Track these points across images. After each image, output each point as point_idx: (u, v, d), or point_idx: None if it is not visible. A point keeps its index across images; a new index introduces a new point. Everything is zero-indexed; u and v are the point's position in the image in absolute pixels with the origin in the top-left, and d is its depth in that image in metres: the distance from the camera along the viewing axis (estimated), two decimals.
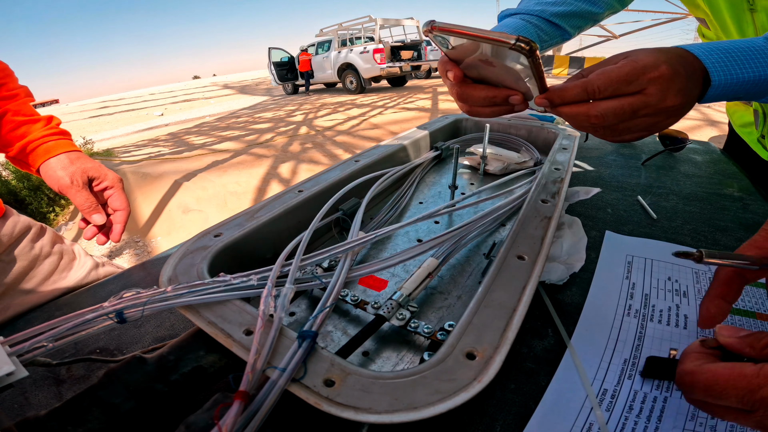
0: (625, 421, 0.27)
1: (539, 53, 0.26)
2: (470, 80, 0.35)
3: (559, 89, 0.31)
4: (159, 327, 0.39)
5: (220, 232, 0.37)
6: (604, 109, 0.29)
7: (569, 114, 0.31)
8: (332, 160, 3.69)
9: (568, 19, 0.58)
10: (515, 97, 0.33)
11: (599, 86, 0.29)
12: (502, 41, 0.25)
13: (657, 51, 0.30)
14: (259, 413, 0.20)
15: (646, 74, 0.29)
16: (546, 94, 0.31)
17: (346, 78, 8.31)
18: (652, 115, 0.30)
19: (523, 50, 0.25)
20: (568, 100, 0.30)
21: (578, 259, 0.43)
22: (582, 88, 0.30)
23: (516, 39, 0.25)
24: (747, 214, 0.56)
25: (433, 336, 0.32)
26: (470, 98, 0.35)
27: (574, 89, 0.30)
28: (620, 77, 0.29)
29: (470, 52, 0.31)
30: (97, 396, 0.24)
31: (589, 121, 0.30)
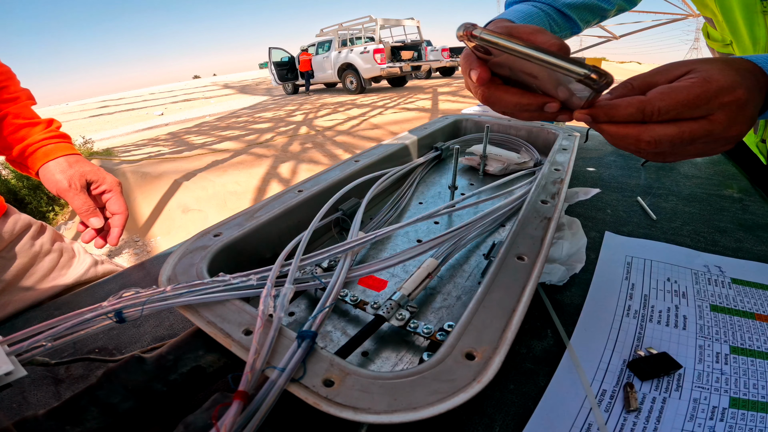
0: (624, 421, 0.27)
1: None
2: (499, 79, 0.30)
3: (608, 107, 0.26)
4: (158, 327, 0.39)
5: (219, 231, 0.37)
6: (659, 135, 0.25)
7: (615, 134, 0.26)
8: (332, 160, 3.69)
9: (579, 11, 0.55)
10: (552, 105, 0.28)
11: (660, 108, 0.24)
12: (572, 72, 0.21)
13: (729, 68, 0.26)
14: (258, 413, 0.20)
15: (719, 98, 0.24)
16: (590, 110, 0.26)
17: (346, 78, 8.32)
18: (710, 143, 0.26)
19: (595, 86, 0.21)
20: (617, 120, 0.26)
21: (578, 260, 0.43)
22: (638, 109, 0.25)
23: (591, 69, 0.21)
24: (746, 215, 0.56)
25: (432, 336, 0.32)
26: (498, 102, 0.30)
27: (627, 109, 0.25)
28: (688, 100, 0.24)
29: (511, 60, 0.26)
30: (95, 395, 0.24)
31: (638, 145, 0.26)
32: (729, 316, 0.36)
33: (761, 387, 0.29)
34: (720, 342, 0.33)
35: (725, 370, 0.31)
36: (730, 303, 0.38)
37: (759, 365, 0.31)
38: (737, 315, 0.36)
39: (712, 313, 0.37)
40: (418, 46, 8.68)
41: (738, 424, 0.27)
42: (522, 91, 0.29)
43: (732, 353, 0.32)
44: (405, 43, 8.64)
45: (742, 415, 0.27)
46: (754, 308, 0.37)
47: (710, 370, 0.31)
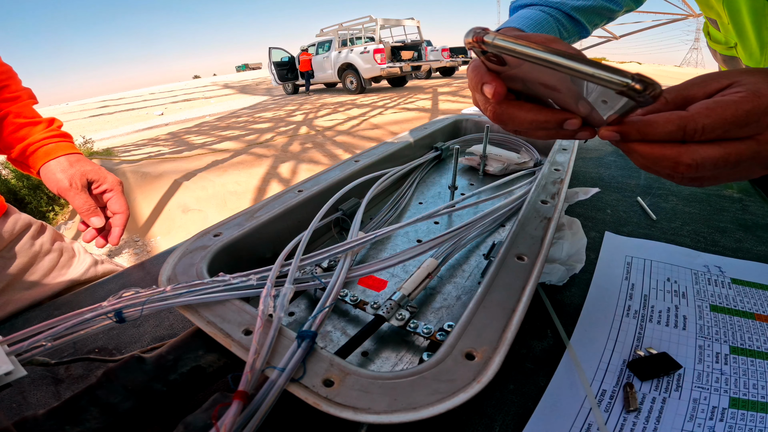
0: (624, 421, 0.27)
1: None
2: (512, 95, 0.26)
3: (642, 123, 0.22)
4: (158, 326, 0.39)
5: (219, 231, 0.37)
6: (702, 158, 0.21)
7: (648, 155, 0.22)
8: (332, 160, 3.69)
9: (587, 14, 0.53)
10: (573, 122, 0.24)
11: (705, 126, 0.21)
12: (611, 81, 0.17)
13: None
14: (258, 413, 0.20)
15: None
16: (620, 127, 0.23)
17: (346, 78, 8.31)
18: (753, 166, 0.22)
19: (639, 98, 0.17)
20: (652, 139, 0.22)
21: (578, 261, 0.43)
22: (679, 127, 0.21)
23: (634, 78, 0.17)
24: (746, 216, 0.56)
25: (432, 336, 0.32)
26: (512, 121, 0.25)
27: (666, 126, 0.22)
28: (737, 117, 0.21)
29: (528, 71, 0.22)
30: (95, 395, 0.24)
31: (676, 169, 0.22)
32: (729, 316, 0.36)
33: (761, 387, 0.29)
34: (720, 342, 0.33)
35: (725, 370, 0.31)
36: (730, 303, 0.38)
37: (759, 365, 0.31)
38: (737, 315, 0.36)
39: (712, 313, 0.37)
40: (418, 46, 8.68)
41: (738, 424, 0.27)
42: (539, 106, 0.25)
43: (732, 353, 0.32)
44: (405, 43, 8.64)
45: (741, 415, 0.27)
46: (754, 308, 0.37)
47: (710, 370, 0.31)
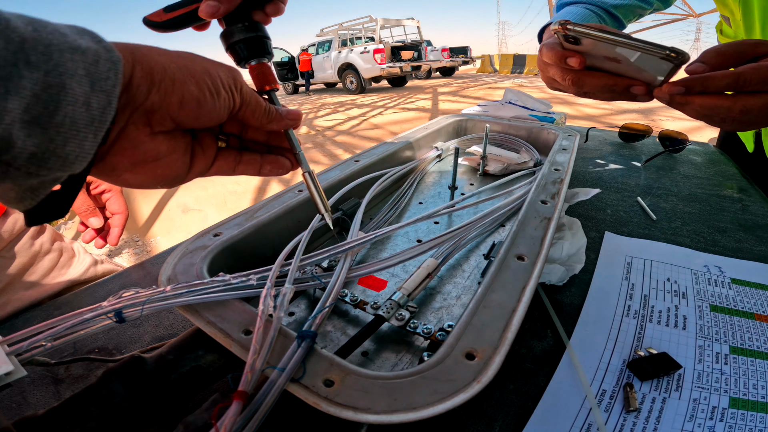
0: (624, 421, 0.27)
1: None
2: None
3: (703, 78, 0.30)
4: (158, 326, 0.39)
5: (219, 231, 0.37)
6: (751, 105, 0.29)
7: (706, 104, 0.31)
8: (332, 160, 3.69)
9: (623, 11, 0.60)
10: (639, 88, 0.34)
11: (753, 80, 0.29)
12: (657, 50, 0.27)
13: None
14: (258, 413, 0.20)
15: None
16: (684, 80, 0.31)
17: (346, 78, 8.31)
18: None
19: (676, 60, 0.28)
20: (712, 90, 0.30)
21: (578, 261, 0.43)
22: (733, 80, 0.29)
23: (670, 48, 0.27)
24: (746, 215, 0.56)
25: (432, 336, 0.32)
26: (586, 85, 0.36)
27: (723, 80, 0.30)
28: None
29: (596, 48, 0.32)
30: (95, 395, 0.24)
31: (730, 113, 0.30)
32: (729, 316, 0.36)
33: (761, 387, 0.29)
34: (720, 342, 0.33)
35: (725, 371, 0.31)
36: (730, 303, 0.38)
37: (759, 365, 0.31)
38: (737, 315, 0.36)
39: (712, 313, 0.37)
40: (418, 46, 8.68)
41: (738, 424, 0.27)
42: (609, 75, 0.35)
43: (732, 353, 0.32)
44: (405, 43, 8.64)
45: (741, 415, 0.27)
46: (754, 308, 0.37)
47: (710, 370, 0.31)
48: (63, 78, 0.15)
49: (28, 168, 0.16)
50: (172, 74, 0.20)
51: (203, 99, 0.21)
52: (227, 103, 0.23)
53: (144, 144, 0.21)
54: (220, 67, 0.23)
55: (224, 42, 0.27)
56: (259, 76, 0.28)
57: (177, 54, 0.21)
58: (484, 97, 6.26)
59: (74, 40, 0.16)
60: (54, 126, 0.16)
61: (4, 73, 0.14)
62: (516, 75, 10.39)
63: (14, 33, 0.14)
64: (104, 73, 0.17)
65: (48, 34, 0.15)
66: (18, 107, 0.14)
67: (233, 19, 0.26)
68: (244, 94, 0.24)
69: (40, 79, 0.15)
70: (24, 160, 0.15)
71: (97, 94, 0.17)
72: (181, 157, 0.23)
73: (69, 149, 0.16)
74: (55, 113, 0.16)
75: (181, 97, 0.20)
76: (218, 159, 0.26)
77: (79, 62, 0.16)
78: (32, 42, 0.15)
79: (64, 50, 0.16)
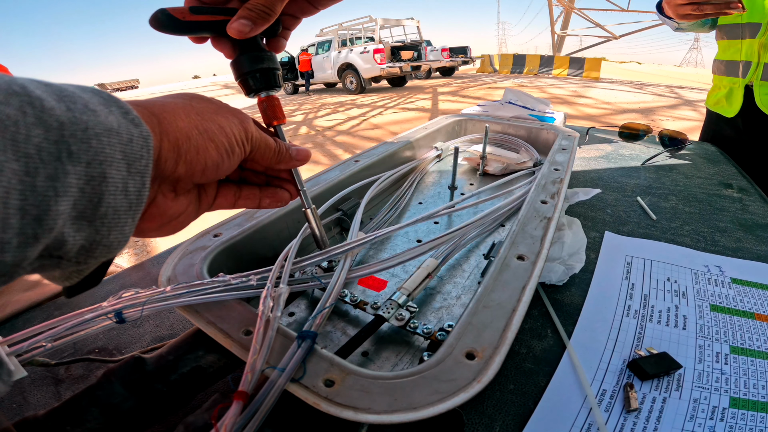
0: (624, 421, 0.27)
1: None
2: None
3: None
4: (158, 327, 0.39)
5: (219, 232, 0.37)
6: None
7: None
8: (332, 160, 3.69)
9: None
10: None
11: None
12: None
13: None
14: (258, 413, 0.20)
15: None
16: None
17: (346, 78, 8.31)
18: None
19: None
20: None
21: (578, 260, 0.43)
22: None
23: None
24: (746, 215, 0.56)
25: (432, 336, 0.32)
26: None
27: None
28: None
29: None
30: (95, 396, 0.24)
31: None
32: (729, 315, 0.36)
33: (761, 387, 0.29)
34: (720, 342, 0.33)
35: (725, 370, 0.31)
36: (730, 303, 0.38)
37: (759, 365, 0.31)
38: (737, 315, 0.36)
39: (712, 312, 0.37)
40: (417, 46, 8.67)
41: (738, 424, 0.27)
42: None
43: (732, 353, 0.32)
44: (405, 43, 8.63)
45: (742, 414, 0.27)
46: (754, 308, 0.37)
47: (710, 370, 0.31)
48: (104, 167, 0.15)
49: (77, 258, 0.16)
50: (195, 143, 0.20)
51: (221, 162, 0.22)
52: (240, 158, 0.23)
53: (170, 208, 0.21)
54: (232, 120, 0.23)
55: (236, 70, 0.26)
56: (268, 110, 0.27)
57: (195, 112, 0.21)
58: (484, 97, 6.27)
59: (106, 116, 0.16)
60: (99, 218, 0.15)
61: (51, 170, 0.13)
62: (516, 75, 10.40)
63: (51, 117, 0.14)
64: (138, 153, 0.17)
65: (81, 113, 0.15)
66: (67, 207, 0.14)
67: (248, 46, 0.25)
68: (254, 141, 0.24)
69: (83, 172, 0.14)
70: (74, 253, 0.15)
71: (133, 176, 0.16)
72: (194, 205, 0.24)
73: (113, 237, 0.16)
74: (99, 205, 0.15)
75: (204, 164, 0.21)
76: (219, 196, 0.26)
77: (116, 146, 0.16)
78: (70, 126, 0.14)
79: (101, 134, 0.15)
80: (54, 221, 0.14)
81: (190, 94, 0.23)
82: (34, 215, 0.13)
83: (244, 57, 0.25)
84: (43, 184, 0.13)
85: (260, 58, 0.26)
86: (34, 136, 0.13)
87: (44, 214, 0.13)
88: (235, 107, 0.24)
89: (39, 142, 0.13)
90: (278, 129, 0.28)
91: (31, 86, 0.14)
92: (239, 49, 0.26)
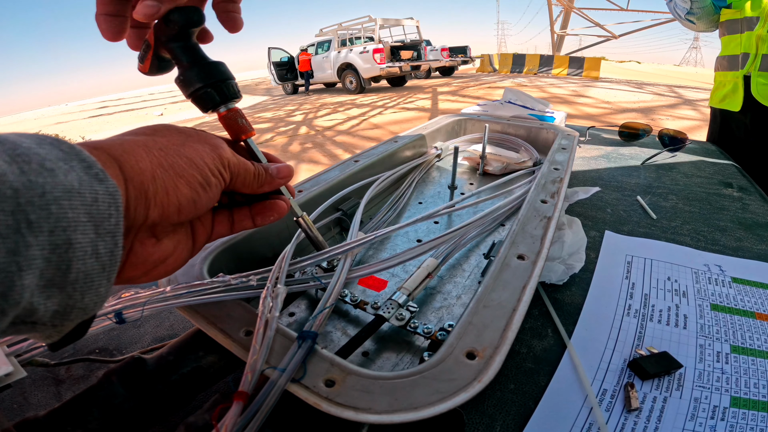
0: (625, 421, 0.27)
1: None
2: None
3: None
4: (158, 327, 0.39)
5: None
6: None
7: None
8: (332, 160, 3.69)
9: None
10: None
11: None
12: None
13: None
14: (259, 414, 0.20)
15: None
16: None
17: (345, 78, 8.31)
18: None
19: None
20: None
21: (578, 260, 0.43)
22: None
23: None
24: (746, 214, 0.56)
25: (432, 336, 0.32)
26: None
27: None
28: None
29: None
30: (96, 396, 0.24)
31: None
32: (729, 315, 0.36)
33: (762, 386, 0.29)
34: (721, 341, 0.33)
35: (726, 370, 0.31)
36: (730, 302, 0.38)
37: (760, 364, 0.31)
38: (738, 314, 0.36)
39: (713, 312, 0.37)
40: (417, 46, 8.67)
41: (739, 424, 0.27)
42: None
43: (733, 352, 0.32)
44: (404, 43, 8.64)
45: (743, 414, 0.27)
46: (755, 307, 0.37)
47: (711, 369, 0.31)
48: (68, 233, 0.14)
49: (53, 322, 0.15)
50: (163, 183, 0.19)
51: (197, 197, 0.20)
52: (219, 188, 0.22)
53: (152, 254, 0.20)
54: (203, 149, 0.21)
55: (184, 89, 0.24)
56: (232, 125, 0.25)
57: (158, 147, 0.19)
58: (484, 96, 6.26)
59: (65, 175, 0.14)
60: (69, 284, 0.15)
61: (11, 245, 0.12)
62: (515, 74, 10.40)
63: (4, 184, 0.12)
64: (105, 212, 0.15)
65: (36, 175, 0.13)
66: (33, 280, 0.13)
67: (189, 56, 0.23)
68: (231, 168, 0.22)
69: (46, 242, 0.13)
70: (48, 318, 0.15)
71: (103, 237, 0.15)
72: (186, 244, 0.23)
73: (87, 300, 0.16)
74: (68, 272, 0.14)
75: (177, 203, 0.19)
76: (215, 225, 0.25)
77: (79, 208, 0.14)
78: (25, 192, 0.13)
79: (60, 197, 0.14)
80: (20, 296, 0.13)
81: (153, 127, 0.21)
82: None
83: (189, 72, 0.23)
84: (4, 260, 0.12)
85: (207, 70, 0.23)
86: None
87: (8, 290, 0.12)
88: (207, 133, 0.23)
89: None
90: (248, 143, 0.26)
91: None
92: (180, 63, 0.23)
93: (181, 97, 6.61)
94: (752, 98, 0.85)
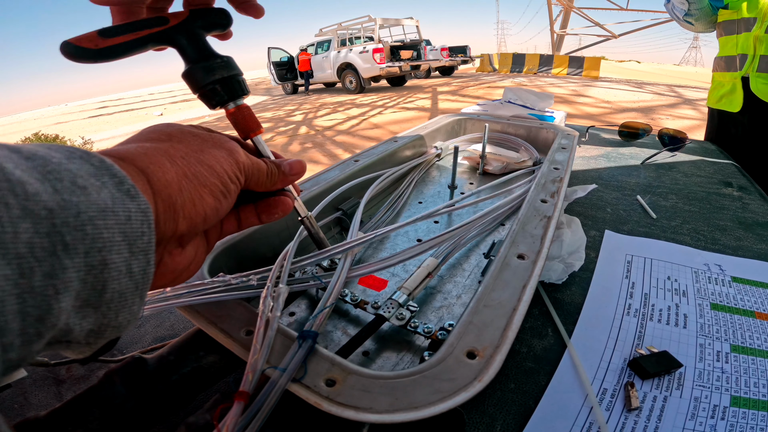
0: (625, 420, 0.27)
1: None
2: None
3: None
4: (159, 327, 0.39)
5: None
6: None
7: None
8: (332, 159, 3.69)
9: None
10: None
11: None
12: None
13: None
14: (260, 414, 0.20)
15: None
16: None
17: (345, 78, 8.31)
18: None
19: None
20: None
21: (578, 259, 0.43)
22: None
23: None
24: (746, 214, 0.56)
25: (433, 336, 0.32)
26: None
27: None
28: None
29: None
30: (97, 396, 0.24)
31: None
32: (729, 314, 0.36)
33: (762, 385, 0.29)
34: (721, 340, 0.33)
35: (726, 369, 0.31)
36: (730, 301, 0.38)
37: (760, 364, 0.31)
38: (738, 313, 0.36)
39: (713, 311, 0.37)
40: (417, 46, 8.67)
41: (739, 423, 0.27)
42: None
43: (733, 352, 0.32)
44: (404, 43, 8.64)
45: (743, 413, 0.27)
46: (755, 306, 0.37)
47: (711, 368, 0.31)
48: (103, 254, 0.14)
49: (87, 341, 0.15)
50: (189, 194, 0.19)
51: (219, 205, 0.21)
52: (236, 194, 0.22)
53: (180, 263, 0.21)
54: (219, 154, 0.21)
55: (192, 84, 0.23)
56: (240, 122, 0.25)
57: (180, 156, 0.19)
58: (484, 96, 6.26)
59: (98, 192, 0.14)
60: (104, 304, 0.15)
61: (47, 268, 0.12)
62: (515, 74, 10.40)
63: (38, 205, 0.12)
64: (138, 230, 0.15)
65: (70, 194, 0.13)
66: (69, 302, 0.13)
67: (197, 52, 0.23)
68: (246, 170, 0.22)
69: (82, 263, 0.13)
70: (83, 337, 0.15)
71: (136, 256, 0.15)
72: (203, 246, 0.23)
73: (121, 318, 0.16)
74: (103, 292, 0.14)
75: (204, 213, 0.20)
76: (224, 224, 0.25)
77: (114, 228, 0.14)
78: (60, 213, 0.13)
79: (95, 216, 0.14)
80: (57, 318, 0.13)
81: (167, 131, 0.21)
82: (36, 316, 0.12)
83: (197, 67, 0.23)
84: (41, 284, 0.12)
85: (216, 65, 0.23)
86: (22, 231, 0.11)
87: (46, 314, 0.12)
88: (220, 134, 0.23)
89: (29, 238, 0.12)
90: (256, 141, 0.26)
91: (9, 165, 0.12)
92: (187, 57, 0.23)
93: (180, 97, 6.53)
94: (752, 99, 0.85)
